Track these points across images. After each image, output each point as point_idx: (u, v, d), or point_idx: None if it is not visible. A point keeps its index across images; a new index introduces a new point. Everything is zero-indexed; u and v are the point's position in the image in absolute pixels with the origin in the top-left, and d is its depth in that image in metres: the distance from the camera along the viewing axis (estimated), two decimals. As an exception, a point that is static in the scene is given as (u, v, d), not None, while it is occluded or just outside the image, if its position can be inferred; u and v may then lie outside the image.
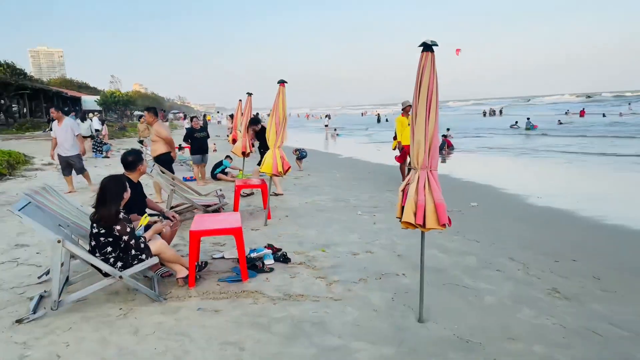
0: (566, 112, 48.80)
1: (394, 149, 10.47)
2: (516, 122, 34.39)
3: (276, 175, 6.70)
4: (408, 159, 5.33)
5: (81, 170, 9.31)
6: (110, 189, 3.88)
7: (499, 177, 11.83)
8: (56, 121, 8.96)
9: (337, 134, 31.93)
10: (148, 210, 4.95)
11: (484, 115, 58.70)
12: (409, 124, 3.77)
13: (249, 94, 10.43)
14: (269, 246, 5.28)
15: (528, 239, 6.04)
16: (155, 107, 8.66)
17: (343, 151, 19.90)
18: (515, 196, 9.12)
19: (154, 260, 3.97)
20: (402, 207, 3.43)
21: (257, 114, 21.82)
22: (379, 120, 50.23)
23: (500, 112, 61.17)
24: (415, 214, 3.33)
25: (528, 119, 32.86)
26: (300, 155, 13.34)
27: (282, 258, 5.01)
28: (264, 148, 9.21)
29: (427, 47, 3.30)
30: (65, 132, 8.78)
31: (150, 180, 7.80)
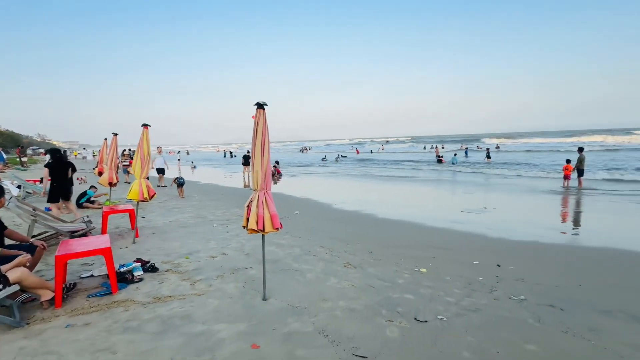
0: (351, 149, 55.85)
1: None
2: (325, 156, 37.61)
3: (142, 201, 5.86)
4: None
5: None
6: None
7: (314, 192, 12.65)
8: None
9: (194, 166, 29.76)
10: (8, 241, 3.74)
11: (301, 151, 62.50)
12: None
13: (115, 134, 8.94)
14: (138, 260, 4.57)
15: (331, 231, 6.61)
16: None
17: (201, 179, 18.64)
18: (324, 204, 9.86)
19: (13, 288, 3.02)
20: (247, 218, 3.43)
21: (125, 150, 18.62)
22: (225, 156, 48.49)
23: (310, 149, 66.71)
24: (257, 222, 3.37)
25: (339, 154, 36.54)
26: (179, 182, 11.45)
27: (151, 268, 4.39)
28: (56, 181, 7.09)
29: (260, 106, 3.42)
30: None
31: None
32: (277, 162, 21.26)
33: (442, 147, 41.73)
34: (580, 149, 12.99)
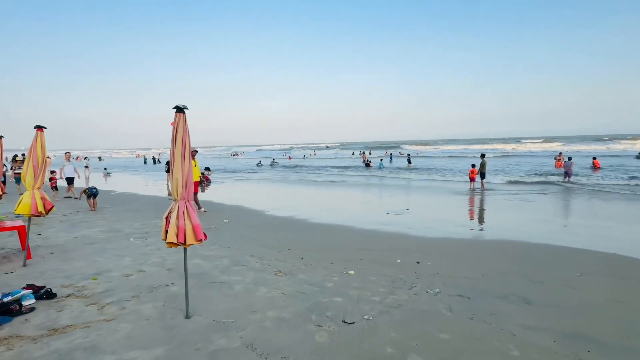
0: (283, 155, 55.59)
1: None
2: (260, 161, 36.65)
3: (36, 216, 5.01)
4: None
5: None
6: None
7: (246, 199, 12.17)
8: None
9: (109, 173, 26.56)
10: None
11: (232, 156, 60.16)
12: (195, 165, 3.53)
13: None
14: (29, 286, 3.87)
15: (262, 239, 6.45)
16: None
17: (116, 188, 16.70)
18: (256, 211, 9.57)
19: None
20: (167, 231, 3.16)
21: (18, 155, 15.86)
22: (145, 162, 43.89)
23: (242, 154, 64.99)
24: (177, 235, 3.13)
25: (273, 159, 35.97)
26: (90, 192, 9.77)
27: (46, 294, 3.76)
28: None
29: (180, 110, 3.21)
30: None
31: None
32: (207, 169, 20.18)
33: (370, 153, 44.20)
34: (482, 155, 14.94)
